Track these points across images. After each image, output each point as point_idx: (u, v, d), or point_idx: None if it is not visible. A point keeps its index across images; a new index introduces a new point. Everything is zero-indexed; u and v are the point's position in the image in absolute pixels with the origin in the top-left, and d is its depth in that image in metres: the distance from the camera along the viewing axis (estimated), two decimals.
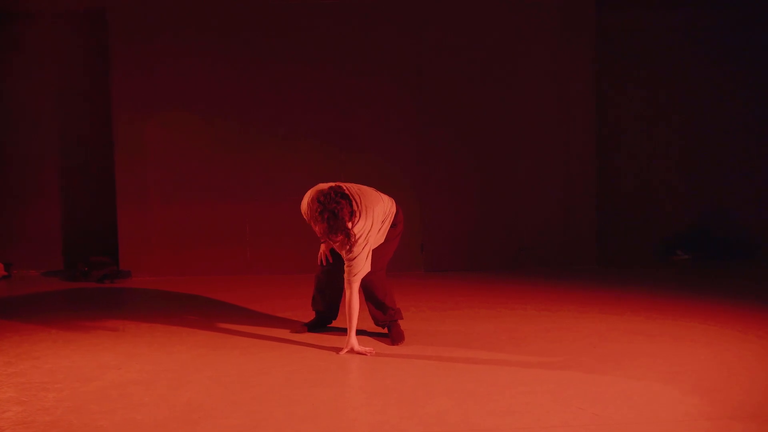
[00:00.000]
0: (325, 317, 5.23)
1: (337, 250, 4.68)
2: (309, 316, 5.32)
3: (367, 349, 4.61)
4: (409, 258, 7.74)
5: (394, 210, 4.84)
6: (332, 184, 4.57)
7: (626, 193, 8.36)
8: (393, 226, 4.83)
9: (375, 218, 4.60)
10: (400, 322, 4.99)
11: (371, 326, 5.13)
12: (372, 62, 7.72)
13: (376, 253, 4.72)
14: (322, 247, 4.96)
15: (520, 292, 6.58)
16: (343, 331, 4.81)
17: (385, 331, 4.99)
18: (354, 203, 4.48)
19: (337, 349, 4.66)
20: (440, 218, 7.85)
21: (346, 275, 4.59)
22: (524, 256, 7.82)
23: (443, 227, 7.85)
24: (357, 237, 4.47)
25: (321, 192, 4.43)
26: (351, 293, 4.58)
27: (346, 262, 4.58)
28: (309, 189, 4.62)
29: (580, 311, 5.76)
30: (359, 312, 4.67)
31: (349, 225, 4.41)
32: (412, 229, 7.74)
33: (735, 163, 8.31)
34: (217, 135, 7.71)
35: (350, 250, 4.50)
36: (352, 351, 4.58)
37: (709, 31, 8.22)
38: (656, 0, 8.07)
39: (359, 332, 4.87)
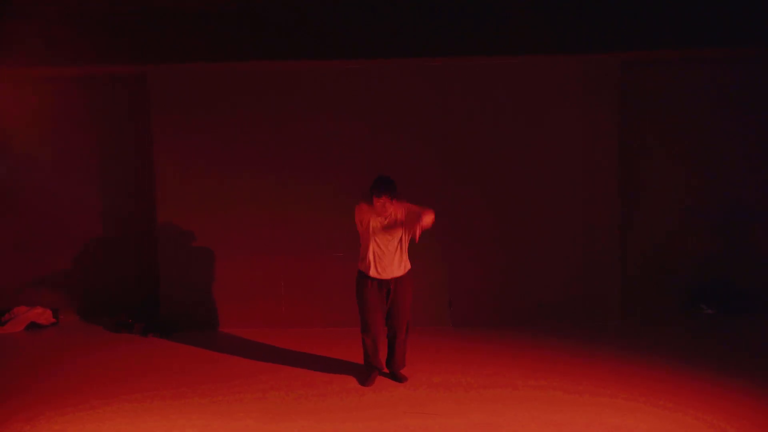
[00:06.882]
0: (379, 371, 6.46)
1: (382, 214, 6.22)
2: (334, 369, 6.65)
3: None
4: (437, 313, 8.01)
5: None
6: None
7: (650, 245, 8.48)
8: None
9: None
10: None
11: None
12: (401, 126, 7.95)
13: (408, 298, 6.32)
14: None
15: (544, 364, 6.73)
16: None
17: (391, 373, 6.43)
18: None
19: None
20: (466, 274, 8.06)
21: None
22: (546, 311, 8.01)
23: (469, 283, 8.07)
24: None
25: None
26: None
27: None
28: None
29: (599, 397, 5.95)
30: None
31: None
32: (440, 284, 8.01)
33: (761, 216, 8.36)
34: (255, 192, 8.01)
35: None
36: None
37: (735, 87, 8.27)
38: (681, 59, 8.11)
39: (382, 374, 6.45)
